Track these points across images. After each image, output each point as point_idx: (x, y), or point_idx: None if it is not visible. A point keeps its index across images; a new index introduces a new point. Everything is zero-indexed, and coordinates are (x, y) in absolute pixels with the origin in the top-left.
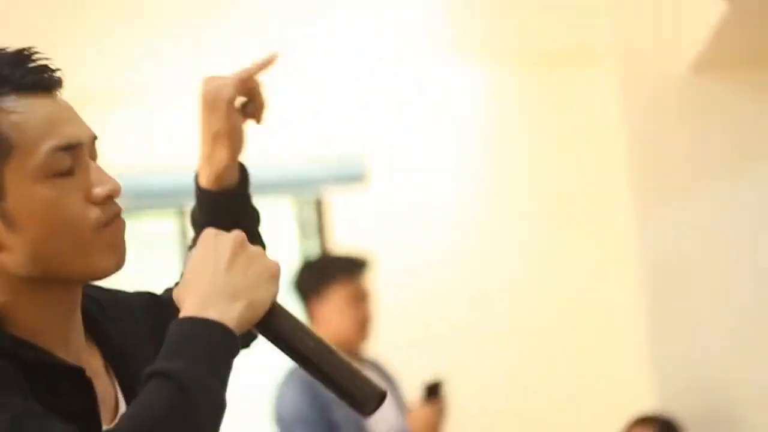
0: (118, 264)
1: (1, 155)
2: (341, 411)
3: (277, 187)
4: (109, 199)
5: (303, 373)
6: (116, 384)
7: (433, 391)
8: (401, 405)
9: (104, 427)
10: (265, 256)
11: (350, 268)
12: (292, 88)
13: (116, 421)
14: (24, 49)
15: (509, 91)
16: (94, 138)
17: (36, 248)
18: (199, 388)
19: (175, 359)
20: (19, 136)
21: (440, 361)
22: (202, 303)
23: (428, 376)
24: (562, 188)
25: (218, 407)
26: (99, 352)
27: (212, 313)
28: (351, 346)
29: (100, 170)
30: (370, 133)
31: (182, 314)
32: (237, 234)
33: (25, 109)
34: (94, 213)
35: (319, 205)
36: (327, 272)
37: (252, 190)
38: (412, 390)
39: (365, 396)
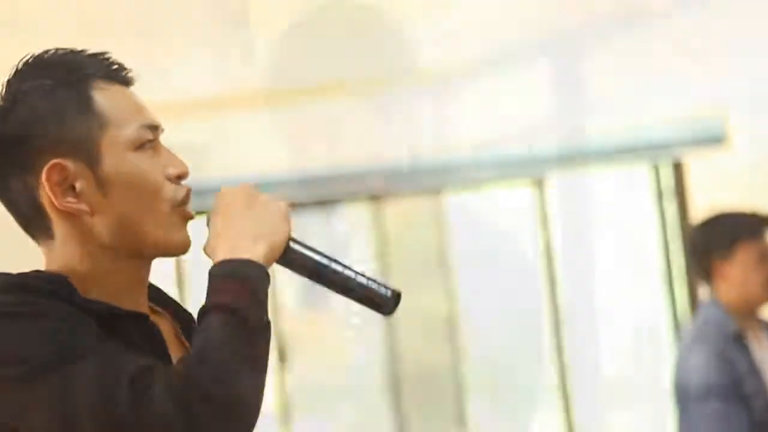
0: (186, 243)
1: (99, 127)
2: (752, 382)
3: (633, 152)
4: (180, 179)
5: (710, 342)
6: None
7: None
8: None
9: None
10: (273, 200)
11: (755, 226)
12: (642, 51)
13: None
14: (105, 51)
15: None
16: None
17: (122, 213)
18: (251, 314)
19: (224, 294)
20: (112, 113)
21: None
22: (232, 248)
23: None
24: None
25: (267, 329)
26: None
27: (243, 255)
28: (756, 305)
29: (170, 153)
30: (728, 92)
31: (217, 259)
32: (245, 185)
33: (116, 92)
34: (171, 188)
35: (677, 169)
36: (731, 231)
37: (609, 155)
38: None
39: (383, 298)
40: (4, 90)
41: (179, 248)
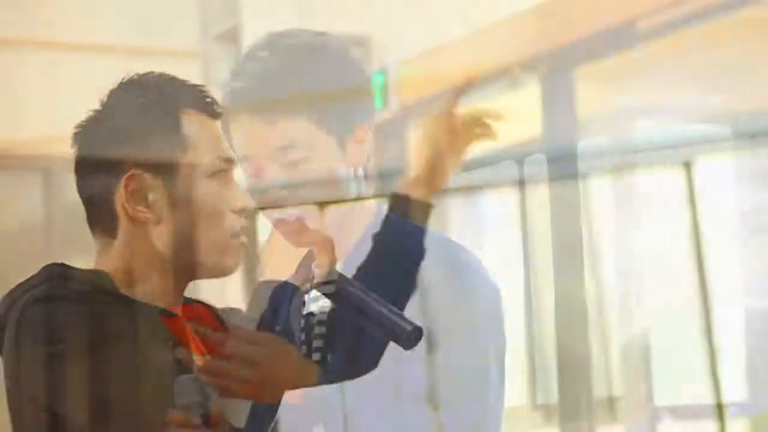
0: (236, 267)
1: (182, 150)
2: None
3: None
4: (243, 211)
5: None
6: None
7: None
8: None
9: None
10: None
11: None
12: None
13: None
14: (201, 84)
15: None
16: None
17: (184, 231)
18: None
19: None
20: (195, 139)
21: None
22: None
23: None
24: None
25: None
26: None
27: None
28: None
29: (239, 187)
30: None
31: None
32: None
33: (202, 122)
34: (232, 219)
35: None
36: None
37: (757, 137)
38: None
39: (406, 333)
40: (105, 98)
41: (227, 272)
